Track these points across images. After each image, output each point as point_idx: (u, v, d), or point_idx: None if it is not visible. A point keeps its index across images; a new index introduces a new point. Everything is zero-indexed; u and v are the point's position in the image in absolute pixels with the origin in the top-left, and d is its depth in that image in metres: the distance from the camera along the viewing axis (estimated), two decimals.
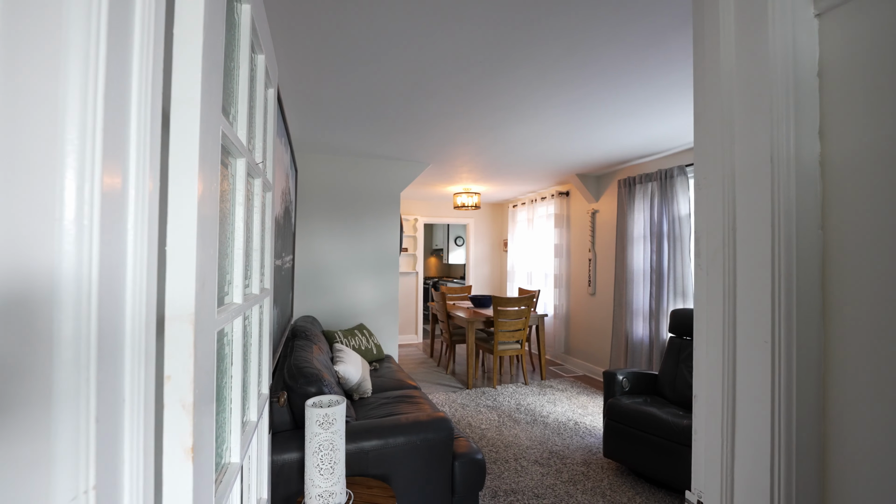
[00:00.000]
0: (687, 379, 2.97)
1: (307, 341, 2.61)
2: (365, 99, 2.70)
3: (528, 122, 3.12)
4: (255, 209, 1.12)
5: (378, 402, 2.69)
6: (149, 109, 0.54)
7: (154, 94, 0.56)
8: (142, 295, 0.52)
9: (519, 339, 4.63)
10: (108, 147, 0.45)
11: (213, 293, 0.68)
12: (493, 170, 4.76)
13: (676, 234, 3.76)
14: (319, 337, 3.02)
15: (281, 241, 2.36)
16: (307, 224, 4.05)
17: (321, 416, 1.49)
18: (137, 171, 0.53)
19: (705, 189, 0.83)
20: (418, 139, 3.59)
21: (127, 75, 0.51)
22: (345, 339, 3.53)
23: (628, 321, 4.27)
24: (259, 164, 1.11)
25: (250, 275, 1.10)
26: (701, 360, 0.83)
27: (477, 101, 2.70)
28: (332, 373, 2.55)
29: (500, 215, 7.63)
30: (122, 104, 0.49)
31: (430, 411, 2.39)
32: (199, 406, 0.61)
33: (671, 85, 2.44)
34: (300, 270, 4.00)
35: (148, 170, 0.54)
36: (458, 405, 3.95)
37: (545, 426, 3.48)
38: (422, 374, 5.04)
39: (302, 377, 1.86)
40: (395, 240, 4.36)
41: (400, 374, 3.31)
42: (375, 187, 4.30)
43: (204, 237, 0.63)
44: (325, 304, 4.10)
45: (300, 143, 3.72)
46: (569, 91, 2.54)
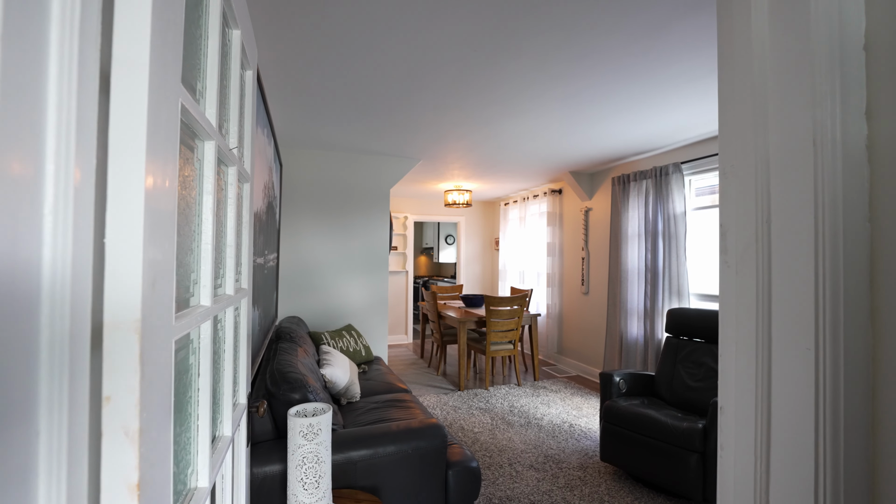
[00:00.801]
0: (685, 380, 2.91)
1: (292, 343, 2.49)
2: (354, 90, 2.59)
3: (523, 118, 3.04)
4: (228, 200, 1.01)
5: (367, 406, 2.58)
6: (75, 70, 0.44)
7: (85, 51, 0.45)
8: (63, 300, 0.42)
9: (512, 339, 4.55)
10: (9, 114, 0.35)
11: (168, 295, 0.57)
12: (485, 166, 4.67)
13: (672, 232, 3.71)
14: (305, 339, 2.90)
15: (263, 238, 2.24)
16: (293, 221, 3.91)
17: (305, 426, 1.38)
18: (58, 147, 0.42)
19: (733, 178, 0.75)
20: (409, 134, 3.48)
21: (42, 21, 0.40)
22: (332, 340, 3.41)
23: (622, 321, 4.21)
24: (233, 149, 0.99)
25: (223, 273, 0.99)
26: (728, 368, 0.75)
27: (471, 93, 2.61)
28: (318, 377, 2.43)
29: (492, 213, 7.55)
30: (33, 59, 0.39)
31: (422, 417, 2.29)
32: (148, 432, 0.50)
33: (670, 78, 2.37)
34: (285, 269, 3.87)
35: (73, 144, 0.43)
36: (449, 408, 3.85)
37: (539, 429, 3.40)
38: (412, 375, 4.94)
39: (285, 383, 1.74)
40: (384, 238, 4.25)
41: (390, 377, 3.20)
42: (364, 183, 4.19)
43: (155, 228, 0.52)
44: (312, 304, 3.97)
45: (285, 137, 3.59)
46: (565, 84, 2.46)
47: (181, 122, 0.67)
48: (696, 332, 2.99)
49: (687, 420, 2.49)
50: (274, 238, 3.13)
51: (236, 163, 1.02)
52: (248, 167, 1.24)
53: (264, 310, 2.44)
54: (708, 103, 2.75)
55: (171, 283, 0.58)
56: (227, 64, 0.99)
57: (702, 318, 2.96)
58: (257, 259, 2.02)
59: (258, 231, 2.01)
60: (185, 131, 0.70)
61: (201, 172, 0.79)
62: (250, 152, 1.25)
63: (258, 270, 2.09)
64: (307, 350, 2.63)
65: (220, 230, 0.95)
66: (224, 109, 0.97)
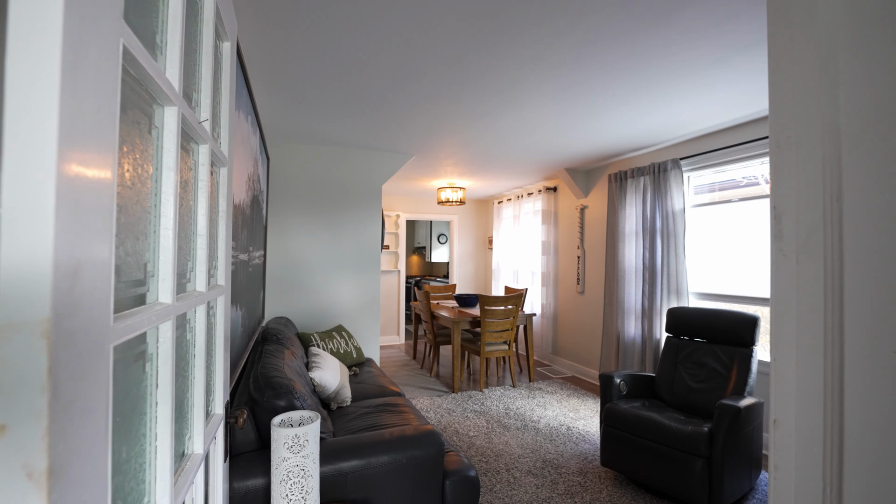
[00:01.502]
0: (686, 381, 2.83)
1: (278, 346, 2.35)
2: (343, 77, 2.45)
3: (520, 110, 2.93)
4: (199, 183, 0.87)
5: (358, 411, 2.45)
6: None
7: None
8: None
9: (507, 339, 4.45)
10: None
11: (102, 288, 0.44)
12: (479, 163, 4.56)
13: (670, 229, 3.63)
14: (293, 340, 2.75)
15: (248, 234, 2.10)
16: (281, 218, 3.76)
17: (290, 437, 1.25)
18: None
19: (790, 151, 0.64)
20: (402, 127, 3.36)
21: None
22: (322, 342, 3.27)
23: (619, 320, 4.13)
24: (203, 122, 0.86)
25: (192, 267, 0.85)
26: (785, 374, 0.64)
27: (467, 82, 2.49)
28: (307, 381, 2.29)
29: (485, 212, 7.45)
30: None
31: (416, 423, 2.17)
32: (65, 471, 0.38)
33: (675, 68, 2.28)
34: (273, 268, 3.71)
35: None
36: (444, 411, 3.73)
37: (537, 432, 3.30)
38: (405, 377, 4.81)
39: (269, 388, 1.61)
40: (376, 235, 4.12)
41: (382, 380, 3.07)
42: (356, 179, 4.05)
43: (79, 202, 0.39)
44: (301, 304, 3.82)
45: (273, 129, 3.44)
46: (566, 74, 2.35)
47: (128, 75, 0.54)
48: (698, 332, 2.91)
49: (691, 423, 2.40)
50: (260, 235, 2.98)
51: (209, 141, 0.89)
52: (226, 149, 1.11)
53: (249, 310, 2.30)
54: (712, 95, 2.67)
55: (106, 274, 0.45)
56: (197, 25, 0.86)
57: (703, 317, 2.88)
58: (241, 255, 1.88)
59: (241, 225, 1.87)
60: (136, 88, 0.57)
61: (160, 143, 0.66)
62: (228, 133, 1.12)
63: (242, 268, 1.95)
64: (295, 352, 2.49)
65: (188, 216, 0.82)
66: (193, 77, 0.84)
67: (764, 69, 2.25)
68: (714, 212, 3.54)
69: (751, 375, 2.60)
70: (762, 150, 3.06)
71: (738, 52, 2.09)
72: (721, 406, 2.22)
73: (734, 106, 2.84)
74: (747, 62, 2.20)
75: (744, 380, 2.60)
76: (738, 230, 3.34)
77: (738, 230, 3.34)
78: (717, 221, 3.50)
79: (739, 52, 2.10)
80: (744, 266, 3.28)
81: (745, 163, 3.26)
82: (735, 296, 3.31)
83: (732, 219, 3.38)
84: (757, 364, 2.71)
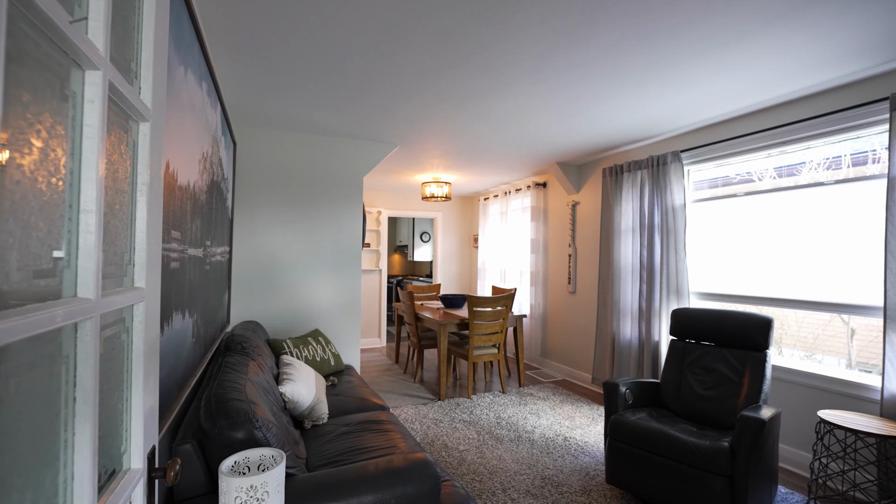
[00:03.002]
0: (694, 388, 2.62)
1: (242, 356, 2.01)
2: (320, 49, 2.13)
3: (516, 93, 2.67)
4: (86, 129, 0.56)
5: (337, 430, 2.14)
6: None
7: None
8: None
9: (496, 342, 4.19)
10: None
11: None
12: (467, 156, 4.29)
13: (670, 226, 3.43)
14: (262, 349, 2.42)
15: (203, 225, 1.77)
16: (251, 211, 3.40)
17: (244, 490, 0.95)
18: None
19: None
20: (386, 112, 3.05)
21: None
22: (295, 349, 2.93)
23: (615, 321, 3.93)
24: (77, 21, 0.55)
25: (71, 261, 0.54)
26: None
27: (460, 58, 2.21)
28: (276, 398, 1.97)
29: (471, 209, 7.18)
30: None
31: (404, 446, 1.87)
32: None
33: (690, 44, 2.05)
34: (241, 266, 3.35)
35: None
36: (430, 421, 3.44)
37: (532, 444, 3.04)
38: (387, 383, 4.49)
39: (223, 416, 1.28)
40: (356, 231, 3.79)
41: (363, 391, 2.76)
42: (335, 170, 3.71)
43: None
44: (273, 306, 3.47)
45: (241, 112, 3.08)
46: (570, 48, 2.09)
47: None
48: (705, 335, 2.70)
49: (707, 436, 2.18)
50: (224, 228, 2.63)
51: (104, 68, 0.58)
52: (150, 99, 0.79)
53: (206, 316, 1.96)
54: (727, 77, 2.46)
55: None
56: None
57: (711, 319, 2.68)
58: (191, 250, 1.55)
59: (192, 213, 1.54)
60: None
61: None
62: (153, 78, 0.80)
63: (194, 265, 1.62)
64: (262, 363, 2.16)
65: (70, 182, 0.51)
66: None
67: (797, 42, 2.04)
68: (716, 207, 3.36)
69: (765, 381, 2.40)
70: (770, 142, 2.88)
71: (768, 24, 1.88)
72: (744, 419, 2.01)
73: (747, 92, 2.64)
74: (777, 36, 1.98)
75: (758, 386, 2.40)
76: (742, 226, 3.16)
77: (742, 226, 3.16)
78: (720, 217, 3.32)
79: (769, 25, 1.89)
80: (748, 265, 3.11)
81: (747, 156, 3.08)
82: (740, 296, 3.13)
83: (736, 215, 3.20)
84: (771, 369, 2.53)
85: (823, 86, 2.51)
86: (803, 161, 2.82)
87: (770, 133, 2.87)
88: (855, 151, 2.58)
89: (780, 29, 1.92)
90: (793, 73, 2.36)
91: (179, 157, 1.29)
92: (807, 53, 2.14)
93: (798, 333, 2.95)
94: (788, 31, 1.94)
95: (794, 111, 2.74)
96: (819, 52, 2.13)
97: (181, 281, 1.38)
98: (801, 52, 2.13)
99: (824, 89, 2.54)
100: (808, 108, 2.67)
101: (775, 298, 2.92)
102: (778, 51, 2.11)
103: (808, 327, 2.93)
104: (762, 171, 3.06)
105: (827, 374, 2.59)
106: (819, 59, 2.21)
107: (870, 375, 2.48)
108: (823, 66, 2.29)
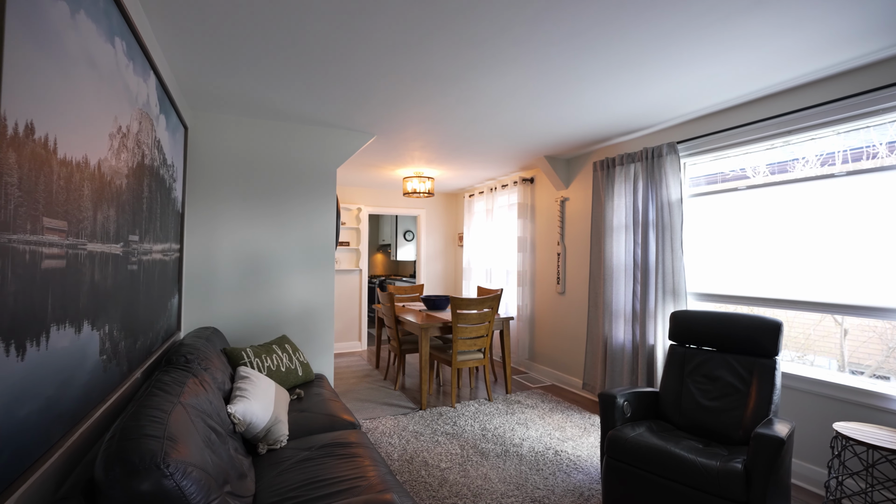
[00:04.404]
0: (696, 398, 2.39)
1: (182, 373, 1.70)
2: (273, 14, 1.83)
3: (503, 72, 2.40)
4: None
5: (295, 456, 1.84)
6: None
7: None
8: None
9: (482, 347, 3.93)
10: None
11: None
12: (450, 147, 4.01)
13: (666, 222, 3.22)
14: (213, 360, 2.10)
15: (123, 217, 1.45)
16: (210, 206, 3.07)
17: None
18: None
19: None
20: (359, 93, 2.75)
21: None
22: (256, 358, 2.62)
23: (607, 324, 3.70)
24: None
25: None
26: None
27: (440, 24, 1.93)
28: (220, 421, 1.66)
29: (455, 206, 6.91)
30: None
31: (374, 479, 1.59)
32: None
33: (701, 13, 1.81)
34: (196, 267, 3.01)
35: None
36: (410, 434, 3.16)
37: (520, 459, 2.78)
38: (365, 391, 4.19)
39: (120, 462, 0.98)
40: (329, 228, 3.49)
41: (333, 405, 2.46)
42: (305, 161, 3.40)
43: None
44: (235, 311, 3.14)
45: (193, 92, 2.75)
46: (563, 17, 1.84)
47: None
48: (707, 340, 2.48)
49: (716, 455, 1.95)
50: (169, 223, 2.31)
51: None
52: None
53: (131, 326, 1.64)
54: (736, 54, 2.23)
55: None
56: None
57: (715, 322, 2.46)
58: (96, 246, 1.24)
59: (95, 200, 1.22)
60: None
61: None
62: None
63: (105, 265, 1.31)
64: (208, 379, 1.85)
65: None
66: None
67: (816, 14, 1.81)
68: (714, 202, 3.15)
69: (775, 391, 2.19)
70: (774, 132, 2.68)
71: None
72: (759, 438, 1.77)
73: (752, 76, 2.43)
74: (799, 3, 1.76)
75: (767, 396, 2.18)
76: (742, 223, 2.96)
77: (742, 223, 2.96)
78: (718, 213, 3.11)
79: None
80: (749, 264, 2.90)
81: (748, 147, 2.88)
82: (741, 297, 2.93)
83: (736, 210, 3.00)
84: (781, 377, 2.32)
85: (838, 68, 2.31)
86: (820, 153, 2.62)
87: (774, 122, 2.66)
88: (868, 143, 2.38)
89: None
90: (807, 52, 2.15)
91: (61, 123, 0.99)
92: (826, 27, 1.92)
93: (788, 333, 2.77)
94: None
95: (801, 97, 2.54)
96: (840, 26, 1.91)
97: (73, 284, 1.07)
98: (820, 26, 1.91)
99: (838, 72, 2.33)
100: (817, 94, 2.47)
101: (781, 300, 2.71)
102: (794, 23, 1.89)
103: (798, 327, 2.75)
104: (763, 167, 2.86)
105: (839, 382, 2.39)
106: (838, 35, 2.00)
107: (888, 384, 2.29)
108: (842, 44, 2.08)
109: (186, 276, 2.93)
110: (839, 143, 2.48)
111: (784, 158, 2.75)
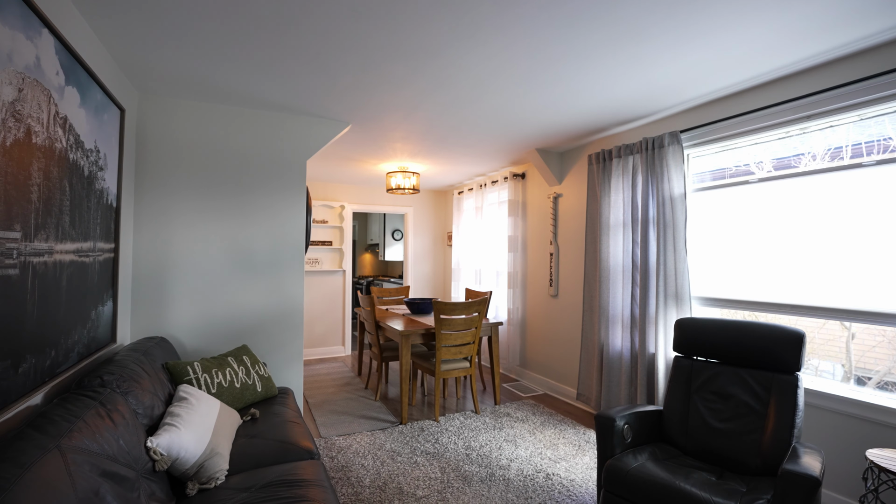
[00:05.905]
0: (705, 418, 2.10)
1: (87, 401, 1.38)
2: None
3: (488, 47, 2.09)
4: None
5: (233, 498, 1.52)
6: None
7: None
8: None
9: (468, 355, 3.62)
10: None
11: None
12: (434, 138, 3.70)
13: (668, 219, 2.92)
14: (140, 381, 1.78)
15: (3, 207, 1.12)
16: (159, 199, 2.73)
17: None
18: None
19: None
20: (324, 75, 2.43)
21: None
22: (205, 373, 2.29)
23: (603, 330, 3.40)
24: None
25: None
26: None
27: None
28: (130, 460, 1.34)
29: (444, 204, 6.60)
30: None
31: None
32: None
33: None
34: (141, 268, 2.68)
35: None
36: (386, 454, 2.85)
37: (506, 485, 2.48)
38: (343, 401, 3.88)
39: None
40: (299, 225, 3.16)
41: (292, 429, 2.14)
42: (270, 151, 3.07)
43: None
44: (189, 318, 2.81)
45: (134, 71, 2.41)
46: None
47: None
48: (717, 352, 2.19)
49: (734, 493, 1.65)
50: (95, 219, 1.98)
51: None
52: None
53: (19, 342, 1.32)
54: (752, 25, 1.93)
55: None
56: None
57: (726, 332, 2.17)
58: (10, 244, 0.91)
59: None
60: None
61: None
62: None
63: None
64: (122, 408, 1.52)
65: None
66: None
67: None
68: (721, 197, 2.86)
69: (798, 413, 1.90)
70: (790, 117, 2.39)
71: None
72: (789, 477, 1.48)
73: (768, 50, 2.13)
74: None
75: (789, 419, 1.89)
76: (753, 221, 2.67)
77: (753, 221, 2.67)
78: (725, 210, 2.82)
79: None
80: (763, 266, 2.62)
81: (758, 135, 2.59)
82: (753, 301, 2.64)
83: (745, 206, 2.71)
84: (804, 396, 2.03)
85: (862, 43, 2.02)
86: (829, 147, 2.34)
87: (791, 105, 2.37)
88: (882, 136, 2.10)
89: None
90: (830, 22, 1.85)
91: None
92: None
93: None
94: None
95: (823, 77, 2.24)
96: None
97: None
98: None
99: (863, 48, 2.04)
100: (842, 73, 2.18)
101: (797, 306, 2.42)
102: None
103: (800, 329, 2.50)
104: (769, 162, 2.57)
105: (868, 401, 2.10)
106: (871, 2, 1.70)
107: None
108: (874, 13, 1.79)
109: (130, 280, 2.60)
110: (854, 135, 2.20)
111: (790, 153, 2.48)
